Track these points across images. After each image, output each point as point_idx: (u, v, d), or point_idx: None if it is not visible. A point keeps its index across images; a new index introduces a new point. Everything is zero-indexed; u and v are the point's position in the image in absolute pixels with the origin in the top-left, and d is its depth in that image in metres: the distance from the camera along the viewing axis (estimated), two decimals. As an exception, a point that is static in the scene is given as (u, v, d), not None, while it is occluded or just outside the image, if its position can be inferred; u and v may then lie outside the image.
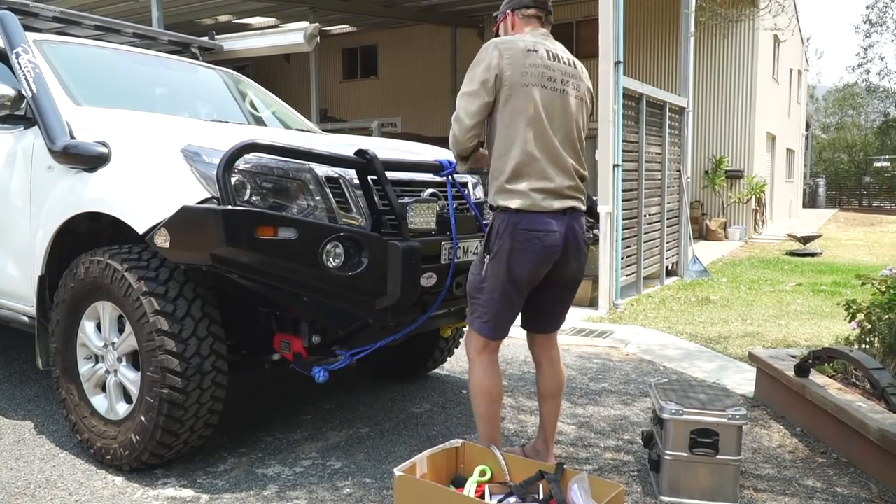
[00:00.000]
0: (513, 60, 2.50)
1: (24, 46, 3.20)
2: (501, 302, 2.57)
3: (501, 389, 2.74)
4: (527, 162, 2.50)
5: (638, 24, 13.83)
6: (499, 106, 2.53)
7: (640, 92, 7.37)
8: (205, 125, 3.38)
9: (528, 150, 2.50)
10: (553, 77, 2.57)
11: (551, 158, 2.54)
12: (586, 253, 2.74)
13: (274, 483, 2.80)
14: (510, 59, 2.50)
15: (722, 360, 4.83)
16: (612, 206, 6.64)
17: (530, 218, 2.50)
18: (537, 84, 2.52)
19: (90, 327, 2.95)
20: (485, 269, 2.57)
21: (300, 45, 5.00)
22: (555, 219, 2.53)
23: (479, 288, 2.60)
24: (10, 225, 3.34)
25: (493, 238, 2.55)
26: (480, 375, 2.67)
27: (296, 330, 2.93)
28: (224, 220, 2.43)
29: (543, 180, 2.51)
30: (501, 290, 2.55)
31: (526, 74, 2.51)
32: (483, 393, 2.67)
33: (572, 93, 2.63)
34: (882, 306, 3.60)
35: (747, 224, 14.57)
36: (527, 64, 2.52)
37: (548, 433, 2.90)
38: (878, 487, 2.84)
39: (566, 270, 2.66)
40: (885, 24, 16.67)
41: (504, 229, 2.51)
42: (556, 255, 2.56)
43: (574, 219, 2.61)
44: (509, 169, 2.51)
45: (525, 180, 2.50)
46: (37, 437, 3.24)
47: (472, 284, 2.65)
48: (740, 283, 8.42)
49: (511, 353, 4.94)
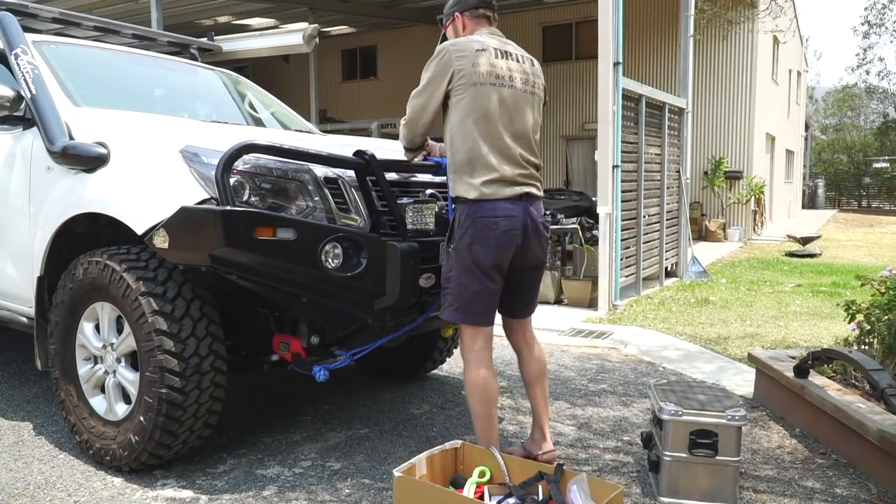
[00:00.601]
0: (464, 62, 2.62)
1: (23, 47, 3.20)
2: (467, 288, 2.65)
3: (497, 388, 2.75)
4: (478, 156, 2.64)
5: (637, 25, 13.84)
6: (451, 104, 2.67)
7: (639, 93, 7.37)
8: (204, 126, 3.38)
9: (478, 145, 2.64)
10: (501, 74, 2.68)
11: (500, 152, 2.66)
12: (547, 237, 2.86)
13: (273, 484, 2.80)
14: (461, 60, 2.62)
15: (721, 360, 4.83)
16: (611, 206, 6.64)
17: (487, 206, 2.62)
18: (486, 82, 2.64)
19: (89, 328, 2.95)
20: (449, 258, 2.69)
21: (299, 46, 5.00)
22: (511, 203, 2.66)
23: (447, 277, 2.71)
24: (9, 226, 3.34)
25: (456, 228, 2.67)
26: (474, 373, 2.71)
27: (295, 330, 2.93)
28: (223, 220, 2.43)
29: (494, 172, 2.64)
30: (468, 276, 2.64)
31: (476, 74, 2.62)
32: (478, 391, 2.69)
33: (522, 87, 2.74)
34: (881, 307, 3.60)
35: (746, 225, 14.58)
36: (477, 63, 2.63)
37: (542, 420, 2.94)
38: (878, 488, 2.84)
39: (528, 255, 2.76)
40: (884, 26, 16.69)
41: (465, 219, 2.64)
42: (518, 240, 2.67)
43: (530, 203, 2.73)
44: (463, 163, 2.65)
45: (478, 173, 2.63)
46: (36, 438, 3.24)
47: (443, 276, 2.75)
48: (739, 284, 8.42)
49: (510, 354, 4.93)
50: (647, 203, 7.75)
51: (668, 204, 8.48)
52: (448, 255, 2.69)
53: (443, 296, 2.74)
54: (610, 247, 6.67)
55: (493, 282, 2.68)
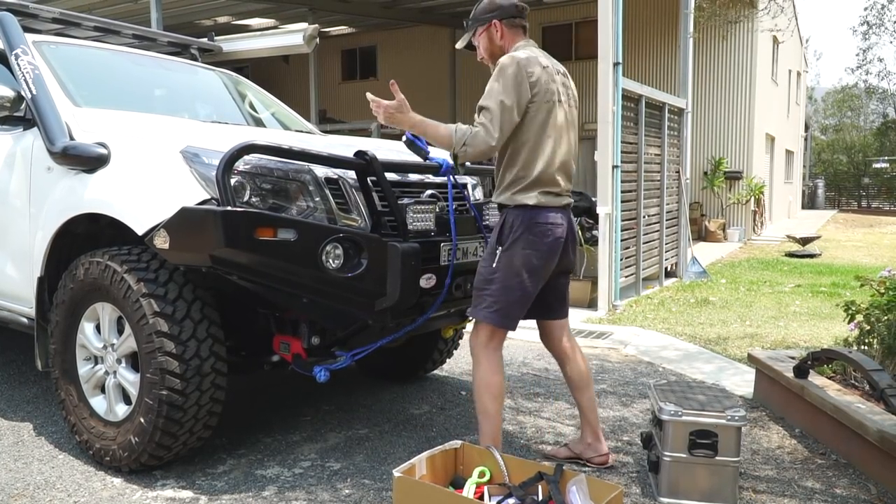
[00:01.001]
0: (536, 79, 2.64)
1: (23, 48, 3.20)
2: (513, 291, 2.68)
3: (504, 387, 2.78)
4: (547, 172, 2.71)
5: (637, 26, 13.84)
6: (524, 121, 2.67)
7: (639, 93, 7.37)
8: (204, 126, 3.38)
9: (548, 161, 2.70)
10: (558, 90, 2.75)
11: (561, 167, 2.76)
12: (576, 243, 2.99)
13: (273, 484, 2.80)
14: (534, 77, 2.64)
15: (721, 361, 4.83)
16: (611, 207, 6.64)
17: (544, 213, 2.71)
18: (552, 99, 2.70)
19: (89, 328, 2.95)
20: (497, 259, 2.69)
21: (299, 47, 5.00)
22: (560, 213, 2.77)
23: (490, 279, 2.70)
24: (9, 226, 3.34)
25: (507, 231, 2.70)
26: (486, 370, 2.74)
27: (295, 331, 2.93)
28: (223, 221, 2.43)
29: (555, 186, 2.75)
30: (514, 279, 2.67)
31: (547, 91, 2.68)
32: (490, 388, 2.73)
33: (567, 101, 2.82)
34: (881, 307, 3.61)
35: (746, 225, 14.58)
36: (544, 81, 2.67)
37: (594, 423, 3.00)
38: (878, 489, 2.84)
39: (565, 260, 2.86)
40: (884, 26, 16.67)
41: (519, 224, 2.68)
42: (561, 246, 2.77)
43: (570, 213, 2.88)
44: (531, 177, 2.69)
45: (541, 184, 2.71)
46: (36, 439, 3.24)
47: (481, 276, 2.75)
48: (739, 285, 8.42)
49: (510, 355, 4.94)
50: (646, 203, 7.75)
51: (667, 204, 8.48)
52: (496, 257, 2.69)
53: (479, 296, 2.74)
54: (610, 247, 6.67)
55: (536, 288, 2.74)
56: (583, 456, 2.99)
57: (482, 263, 2.77)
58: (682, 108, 8.79)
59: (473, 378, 2.78)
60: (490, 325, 2.72)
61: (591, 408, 3.00)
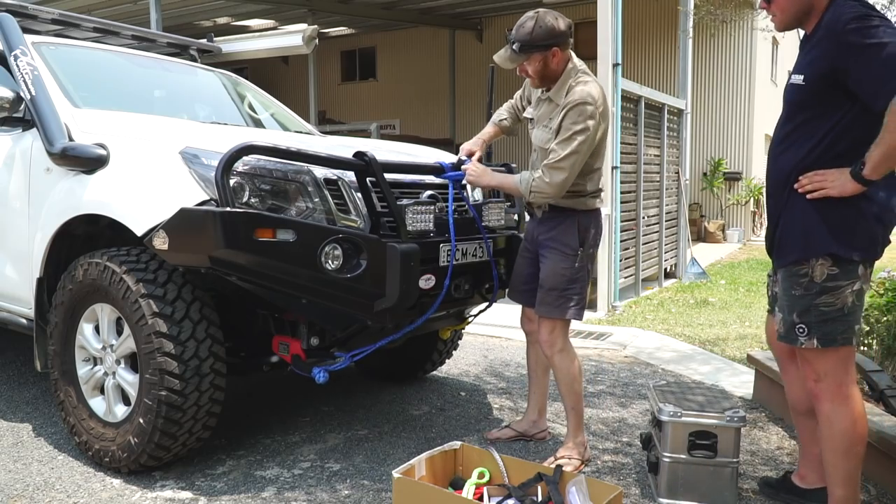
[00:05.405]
0: (604, 109, 2.82)
1: (22, 48, 3.20)
2: (587, 287, 3.01)
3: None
4: (597, 181, 3.00)
5: (636, 27, 13.84)
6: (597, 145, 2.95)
7: (638, 94, 7.37)
8: (203, 127, 3.38)
9: (600, 174, 3.01)
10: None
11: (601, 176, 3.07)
12: None
13: (272, 485, 2.80)
14: (604, 115, 2.84)
15: (720, 362, 4.83)
16: (610, 207, 6.64)
17: (600, 214, 3.07)
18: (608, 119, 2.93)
19: (88, 329, 2.95)
20: (578, 260, 2.93)
21: (298, 48, 5.00)
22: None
23: (574, 279, 2.93)
24: (8, 227, 3.34)
25: (583, 232, 2.94)
26: (572, 361, 3.00)
27: (294, 332, 2.93)
28: (222, 222, 2.43)
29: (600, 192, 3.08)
30: (588, 275, 3.00)
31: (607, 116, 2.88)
32: (578, 382, 2.99)
33: None
34: (880, 308, 3.60)
35: (746, 226, 14.59)
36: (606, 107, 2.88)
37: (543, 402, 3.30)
38: (877, 489, 2.84)
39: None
40: (883, 27, 16.70)
41: (591, 224, 2.98)
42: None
43: None
44: (591, 188, 2.96)
45: (598, 191, 3.02)
46: (35, 440, 3.24)
47: (564, 277, 2.92)
48: (739, 285, 8.43)
49: (509, 356, 4.95)
50: (646, 204, 7.76)
51: (667, 205, 8.48)
52: (577, 257, 2.92)
53: (562, 296, 2.92)
54: (609, 248, 6.67)
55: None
56: (527, 433, 3.26)
57: (558, 266, 2.92)
58: (682, 109, 8.79)
59: (560, 374, 2.98)
60: (569, 321, 2.96)
61: (547, 386, 3.30)
